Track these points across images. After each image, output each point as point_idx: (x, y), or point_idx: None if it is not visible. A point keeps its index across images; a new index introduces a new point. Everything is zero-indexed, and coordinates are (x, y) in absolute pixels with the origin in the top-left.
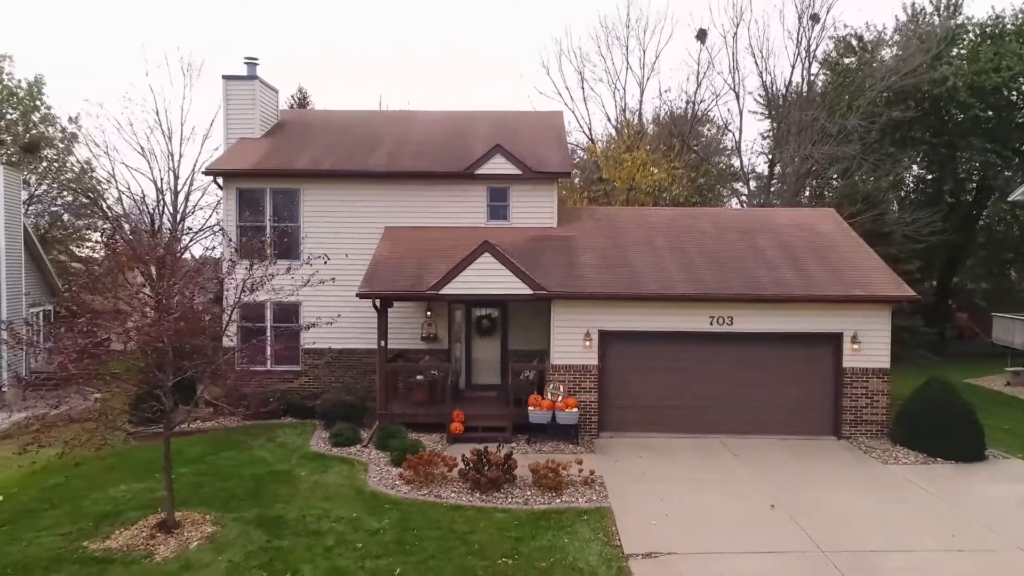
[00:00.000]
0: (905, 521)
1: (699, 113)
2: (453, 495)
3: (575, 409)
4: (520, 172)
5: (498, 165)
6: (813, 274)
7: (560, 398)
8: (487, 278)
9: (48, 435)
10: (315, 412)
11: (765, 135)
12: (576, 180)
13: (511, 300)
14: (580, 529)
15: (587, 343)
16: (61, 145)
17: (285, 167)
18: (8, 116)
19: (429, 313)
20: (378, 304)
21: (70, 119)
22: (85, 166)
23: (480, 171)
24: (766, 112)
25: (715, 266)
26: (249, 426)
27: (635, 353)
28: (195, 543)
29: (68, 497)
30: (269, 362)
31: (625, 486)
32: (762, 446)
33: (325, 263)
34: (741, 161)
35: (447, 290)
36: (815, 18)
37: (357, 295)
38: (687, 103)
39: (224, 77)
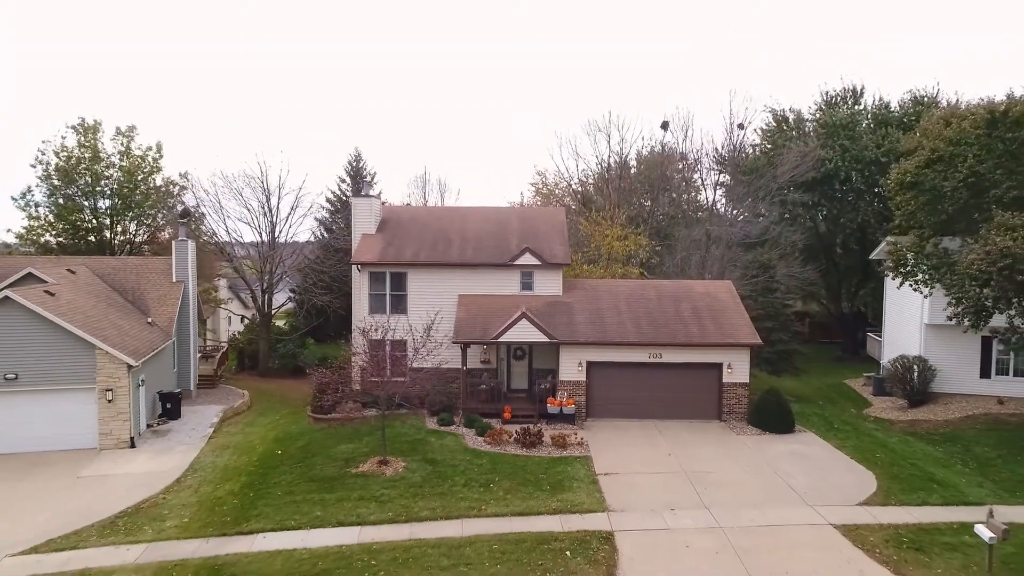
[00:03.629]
0: (728, 460)
1: (662, 193)
2: (512, 450)
3: (573, 405)
4: (540, 263)
5: (527, 258)
6: (708, 328)
7: (565, 399)
8: (524, 332)
9: (241, 419)
10: (424, 405)
11: (719, 186)
12: (575, 226)
13: (536, 345)
14: (576, 464)
15: (579, 368)
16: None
17: (396, 260)
18: (138, 180)
19: (485, 347)
20: (462, 345)
21: (180, 174)
22: (193, 210)
23: (516, 262)
24: (720, 169)
25: (653, 323)
26: (382, 415)
27: (607, 374)
28: (400, 469)
29: (316, 452)
30: (387, 372)
31: (599, 445)
32: (674, 426)
33: (430, 320)
34: (686, 204)
35: (502, 339)
36: (740, 126)
37: (452, 342)
38: (650, 187)
39: (353, 197)
